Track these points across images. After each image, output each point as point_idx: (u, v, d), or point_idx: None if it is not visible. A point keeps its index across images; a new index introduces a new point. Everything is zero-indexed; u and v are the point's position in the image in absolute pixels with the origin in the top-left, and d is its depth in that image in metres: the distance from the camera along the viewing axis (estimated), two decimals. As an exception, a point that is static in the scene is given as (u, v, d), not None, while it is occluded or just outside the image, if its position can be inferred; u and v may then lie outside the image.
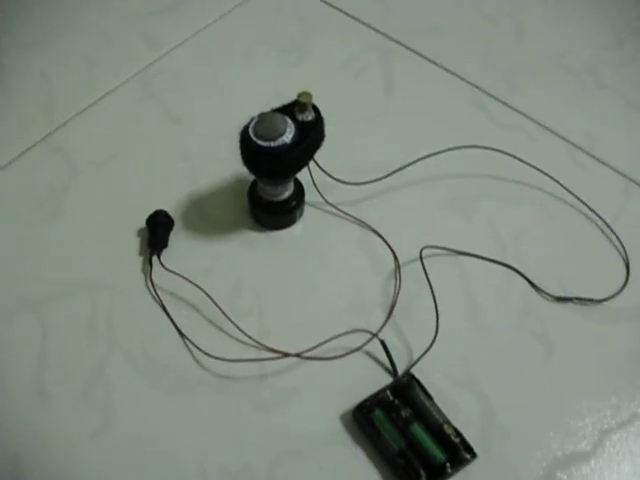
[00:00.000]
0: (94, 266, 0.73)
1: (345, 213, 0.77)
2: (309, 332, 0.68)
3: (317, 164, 0.73)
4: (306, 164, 0.70)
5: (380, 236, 0.75)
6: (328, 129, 0.69)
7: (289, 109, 0.68)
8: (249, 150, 0.67)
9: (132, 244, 0.75)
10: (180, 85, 0.88)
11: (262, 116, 0.67)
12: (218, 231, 0.76)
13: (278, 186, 0.72)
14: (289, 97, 0.68)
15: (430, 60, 0.91)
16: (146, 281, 0.72)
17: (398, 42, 0.93)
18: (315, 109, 0.69)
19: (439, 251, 0.74)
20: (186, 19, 0.95)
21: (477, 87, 0.88)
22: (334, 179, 0.75)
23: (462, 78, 0.89)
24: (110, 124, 0.85)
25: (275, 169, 0.68)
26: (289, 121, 0.67)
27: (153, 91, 0.87)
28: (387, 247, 0.74)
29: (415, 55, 0.92)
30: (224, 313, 0.69)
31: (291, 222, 0.76)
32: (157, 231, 0.73)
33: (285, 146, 0.66)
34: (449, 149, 0.79)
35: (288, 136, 0.66)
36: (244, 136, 0.67)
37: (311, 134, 0.68)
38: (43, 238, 0.75)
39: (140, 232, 0.75)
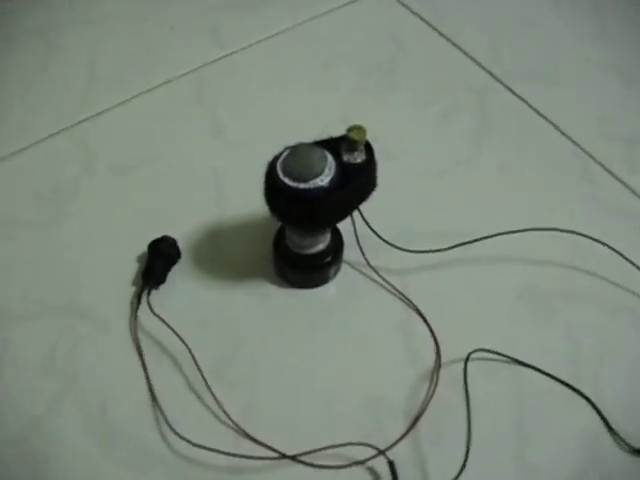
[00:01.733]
0: (76, 288, 0.62)
1: (389, 283, 0.62)
2: (305, 425, 0.55)
3: (363, 217, 0.59)
4: (346, 216, 0.57)
5: (425, 321, 0.60)
6: (388, 175, 0.56)
7: (334, 144, 0.54)
8: (273, 189, 0.54)
9: (128, 270, 0.63)
10: (236, 92, 0.77)
11: (296, 148, 0.54)
12: (230, 276, 0.63)
13: (307, 237, 0.58)
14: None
15: (538, 112, 0.75)
16: (130, 319, 0.60)
17: (503, 84, 0.78)
18: (368, 149, 0.55)
19: (494, 356, 0.58)
20: (264, 19, 0.83)
21: (589, 154, 0.72)
22: (382, 239, 0.62)
23: (573, 141, 0.73)
24: (145, 123, 0.74)
25: (303, 218, 0.54)
26: (330, 159, 0.53)
27: (203, 94, 0.76)
28: (431, 337, 0.59)
29: (521, 103, 0.76)
30: (206, 382, 0.56)
31: (321, 282, 0.63)
32: (156, 262, 0.61)
33: (319, 190, 0.52)
34: (536, 229, 0.63)
35: (324, 179, 0.52)
36: (270, 171, 0.53)
37: (356, 180, 0.54)
38: (32, 243, 0.65)
39: (141, 257, 0.63)
